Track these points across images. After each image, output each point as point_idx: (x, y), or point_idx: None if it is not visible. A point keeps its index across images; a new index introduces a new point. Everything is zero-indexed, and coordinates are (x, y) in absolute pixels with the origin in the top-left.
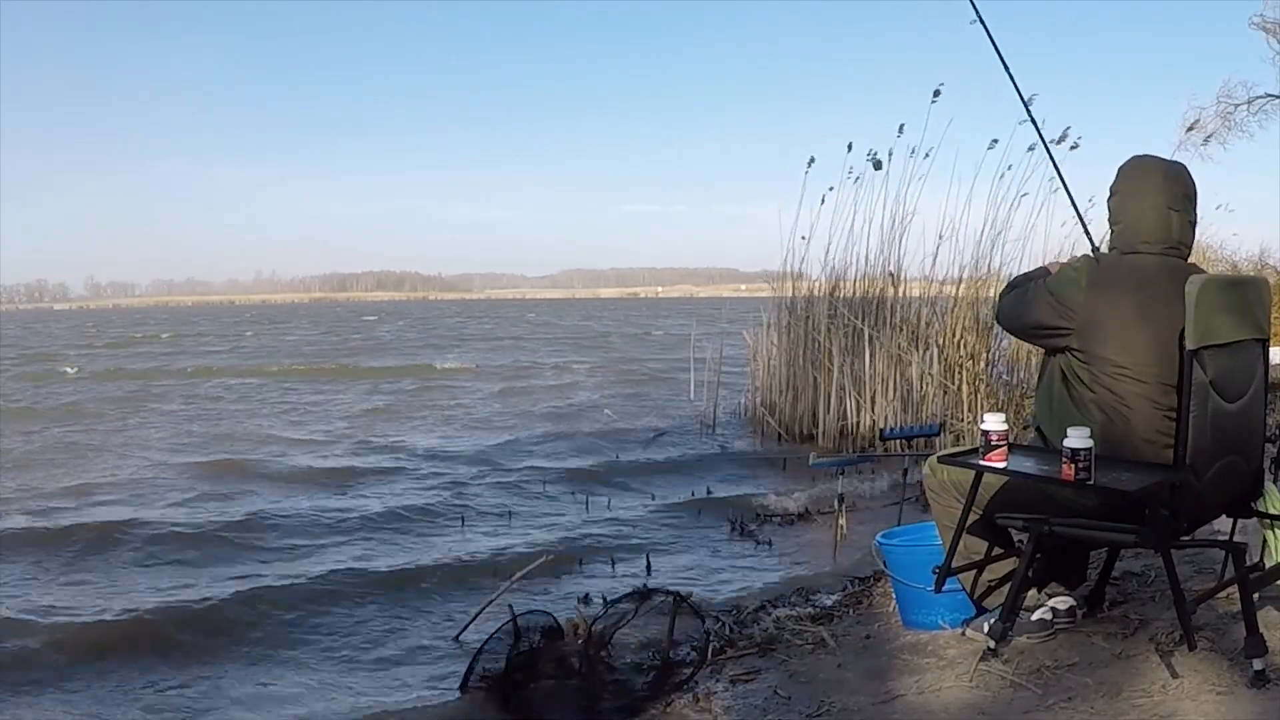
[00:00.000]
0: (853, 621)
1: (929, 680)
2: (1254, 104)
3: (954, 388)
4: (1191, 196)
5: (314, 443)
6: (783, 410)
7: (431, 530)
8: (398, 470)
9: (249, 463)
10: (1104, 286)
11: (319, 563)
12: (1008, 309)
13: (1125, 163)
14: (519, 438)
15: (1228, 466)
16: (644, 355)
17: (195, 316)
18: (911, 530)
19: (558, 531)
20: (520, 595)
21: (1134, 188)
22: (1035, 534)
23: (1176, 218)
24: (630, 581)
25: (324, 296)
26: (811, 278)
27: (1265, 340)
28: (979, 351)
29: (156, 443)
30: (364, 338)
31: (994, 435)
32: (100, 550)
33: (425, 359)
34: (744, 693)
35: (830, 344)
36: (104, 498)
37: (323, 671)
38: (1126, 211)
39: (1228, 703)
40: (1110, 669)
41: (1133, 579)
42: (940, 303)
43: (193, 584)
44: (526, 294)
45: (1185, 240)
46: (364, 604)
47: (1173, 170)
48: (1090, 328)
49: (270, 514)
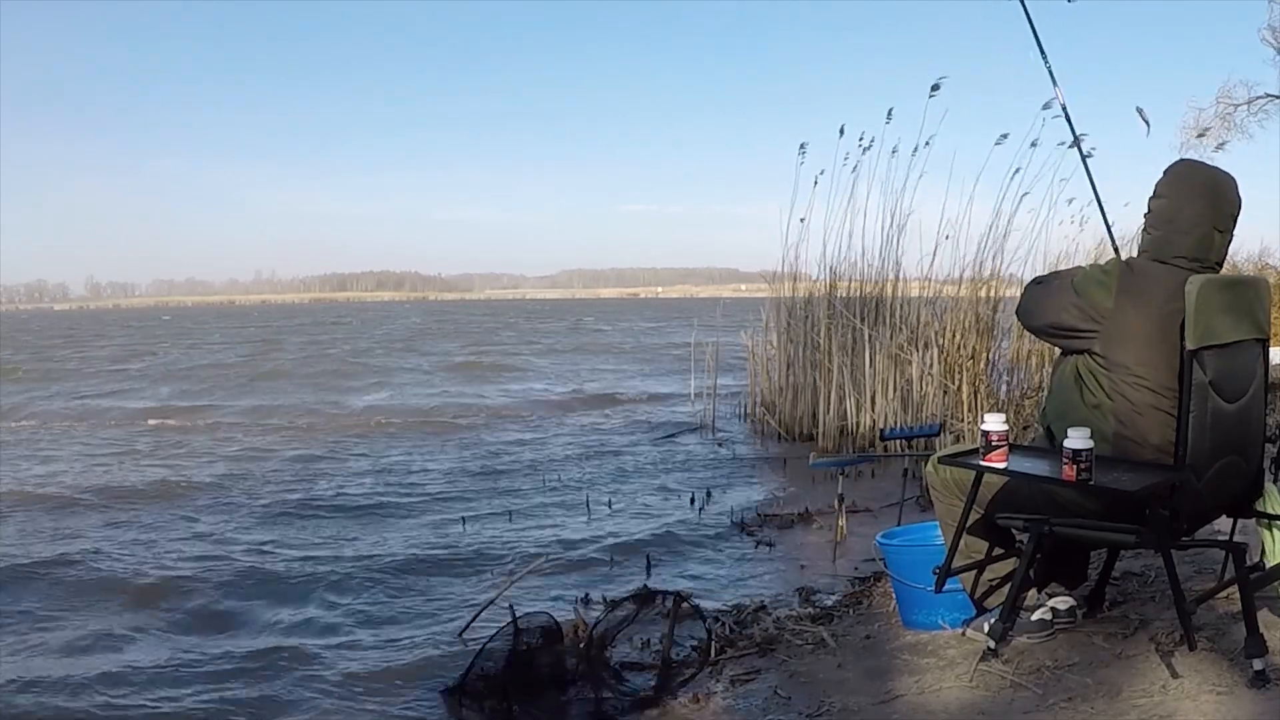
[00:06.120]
0: (853, 621)
1: (929, 680)
2: (1254, 104)
3: (954, 388)
4: (1237, 215)
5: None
6: (782, 410)
7: (431, 530)
8: (398, 468)
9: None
10: (1133, 294)
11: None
12: (1031, 304)
13: (1175, 167)
14: (518, 438)
15: (1227, 467)
16: (643, 356)
17: (192, 316)
18: (911, 530)
19: (557, 532)
20: (520, 596)
21: (1180, 203)
22: (1035, 534)
23: (1219, 238)
24: (631, 582)
25: (324, 296)
26: (811, 278)
27: (1265, 340)
28: (979, 351)
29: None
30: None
31: (994, 435)
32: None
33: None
34: (744, 693)
35: (830, 344)
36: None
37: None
38: (1168, 224)
39: (1228, 703)
40: (1110, 669)
41: (1133, 579)
42: (940, 303)
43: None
44: (526, 294)
45: (1221, 258)
46: (364, 604)
47: (1223, 187)
48: (1115, 334)
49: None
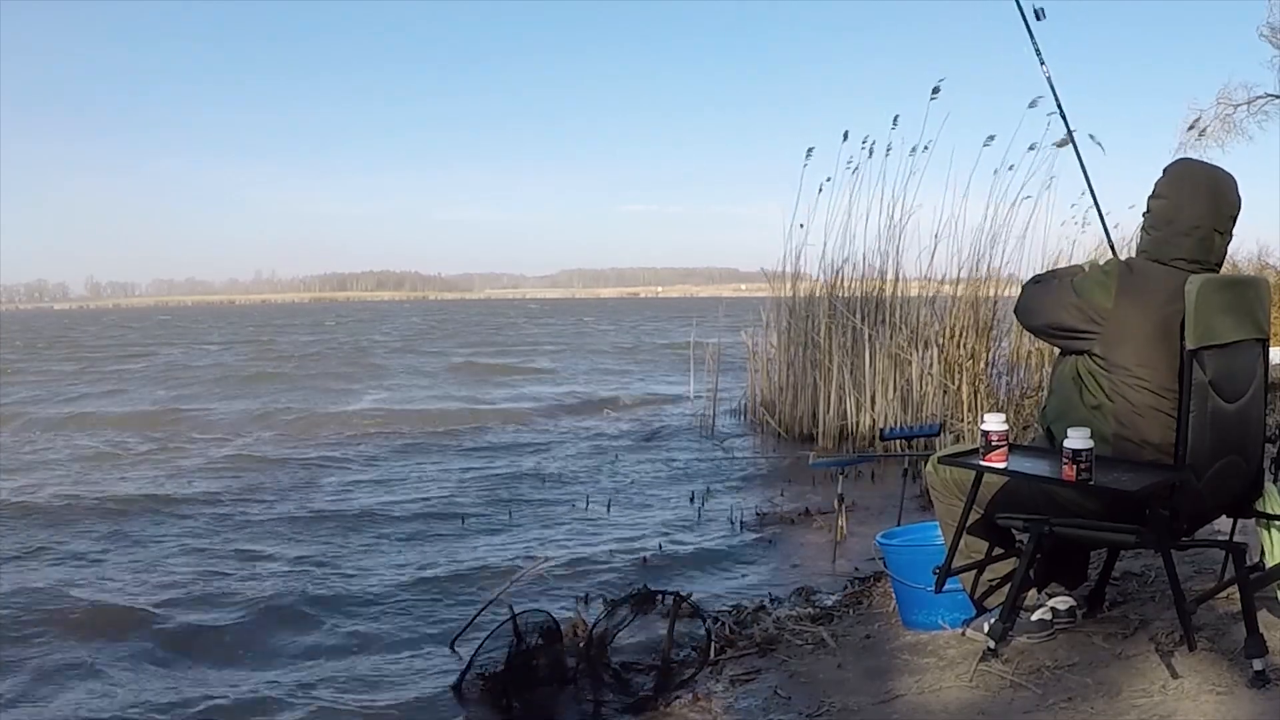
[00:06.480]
0: (853, 621)
1: (929, 680)
2: (1254, 105)
3: (954, 388)
4: (1237, 216)
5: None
6: (782, 410)
7: (431, 532)
8: (398, 469)
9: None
10: (1133, 294)
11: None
12: (1029, 304)
13: (1174, 167)
14: (517, 438)
15: (1227, 466)
16: (643, 356)
17: (191, 316)
18: (911, 530)
19: (557, 532)
20: (519, 596)
21: (1180, 204)
22: (1035, 534)
23: (1219, 240)
24: (630, 582)
25: (324, 296)
26: (811, 277)
27: (1265, 340)
28: (979, 351)
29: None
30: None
31: (994, 435)
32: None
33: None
34: (744, 693)
35: (830, 344)
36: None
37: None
38: (1169, 225)
39: (1228, 703)
40: (1110, 669)
41: (1133, 579)
42: (939, 302)
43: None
44: (526, 294)
45: (1221, 259)
46: (362, 604)
47: (1224, 188)
48: (1115, 334)
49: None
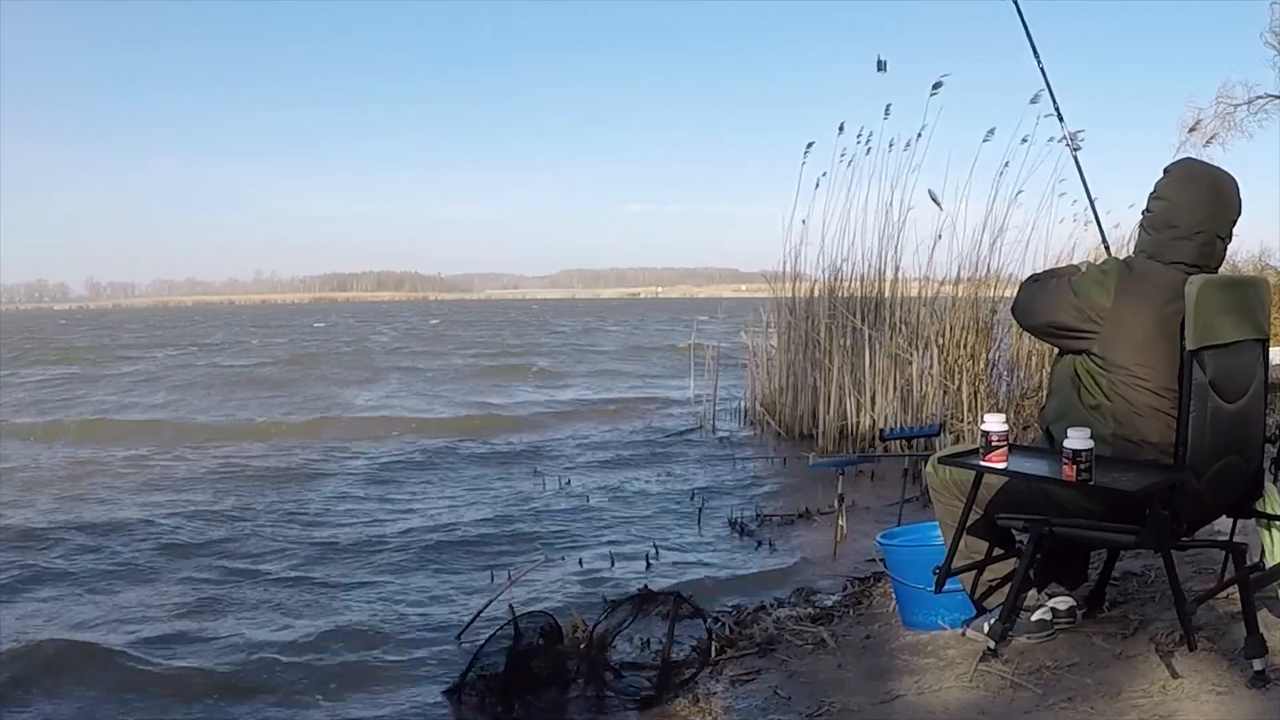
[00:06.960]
0: (853, 622)
1: (929, 680)
2: (1254, 104)
3: (954, 388)
4: (1237, 219)
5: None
6: (782, 410)
7: (429, 532)
8: (397, 470)
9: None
10: (1132, 294)
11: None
12: (1026, 303)
13: (1176, 168)
14: (517, 439)
15: (1227, 467)
16: (643, 356)
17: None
18: (912, 530)
19: (556, 533)
20: (519, 596)
21: (1182, 207)
22: (1035, 534)
23: (1220, 244)
24: (630, 582)
25: (324, 296)
26: (810, 277)
27: (1265, 340)
28: (979, 351)
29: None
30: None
31: (994, 436)
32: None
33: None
34: (744, 693)
35: (830, 344)
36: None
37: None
38: (1170, 228)
39: (1228, 703)
40: (1110, 669)
41: (1133, 579)
42: (939, 302)
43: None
44: (526, 294)
45: (1220, 262)
46: (363, 604)
47: (1226, 192)
48: (1114, 334)
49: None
